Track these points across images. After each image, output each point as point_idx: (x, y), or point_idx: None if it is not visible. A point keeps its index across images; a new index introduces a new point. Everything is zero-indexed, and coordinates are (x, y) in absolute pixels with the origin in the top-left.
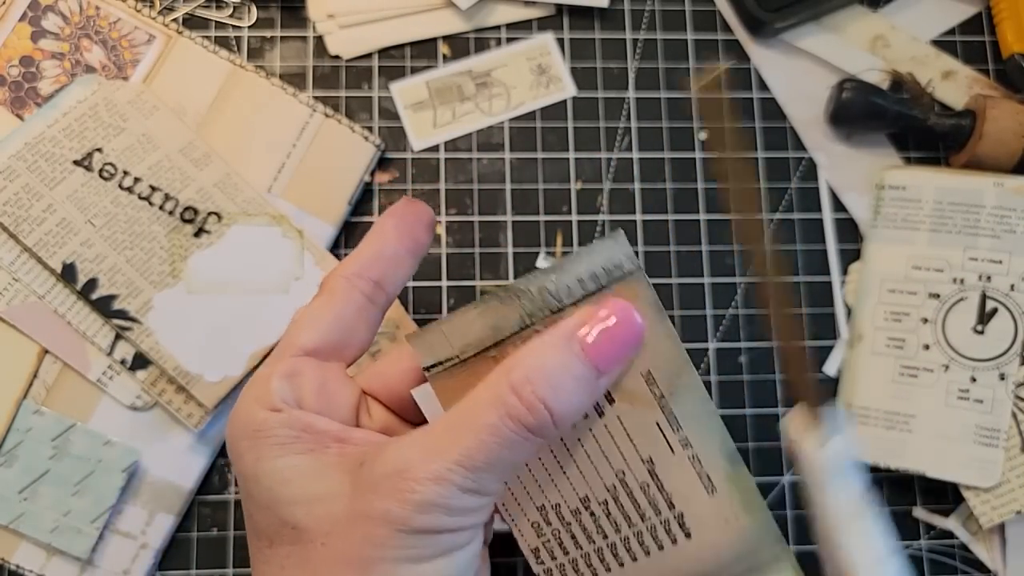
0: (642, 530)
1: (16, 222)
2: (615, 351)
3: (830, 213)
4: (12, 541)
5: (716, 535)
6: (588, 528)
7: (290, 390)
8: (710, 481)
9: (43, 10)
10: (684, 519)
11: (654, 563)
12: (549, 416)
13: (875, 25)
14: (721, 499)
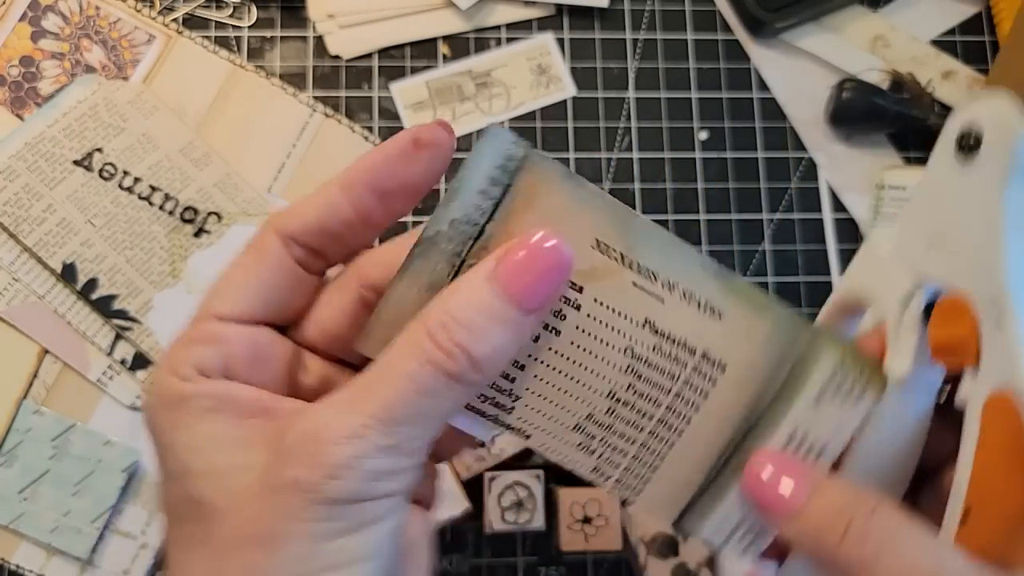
0: (679, 390)
1: (16, 222)
2: (536, 282)
3: (830, 213)
4: (12, 541)
5: (747, 353)
6: (630, 418)
7: (215, 357)
8: (711, 308)
9: (43, 10)
10: (710, 355)
11: (709, 413)
12: (468, 360)
13: (875, 25)
14: (732, 318)
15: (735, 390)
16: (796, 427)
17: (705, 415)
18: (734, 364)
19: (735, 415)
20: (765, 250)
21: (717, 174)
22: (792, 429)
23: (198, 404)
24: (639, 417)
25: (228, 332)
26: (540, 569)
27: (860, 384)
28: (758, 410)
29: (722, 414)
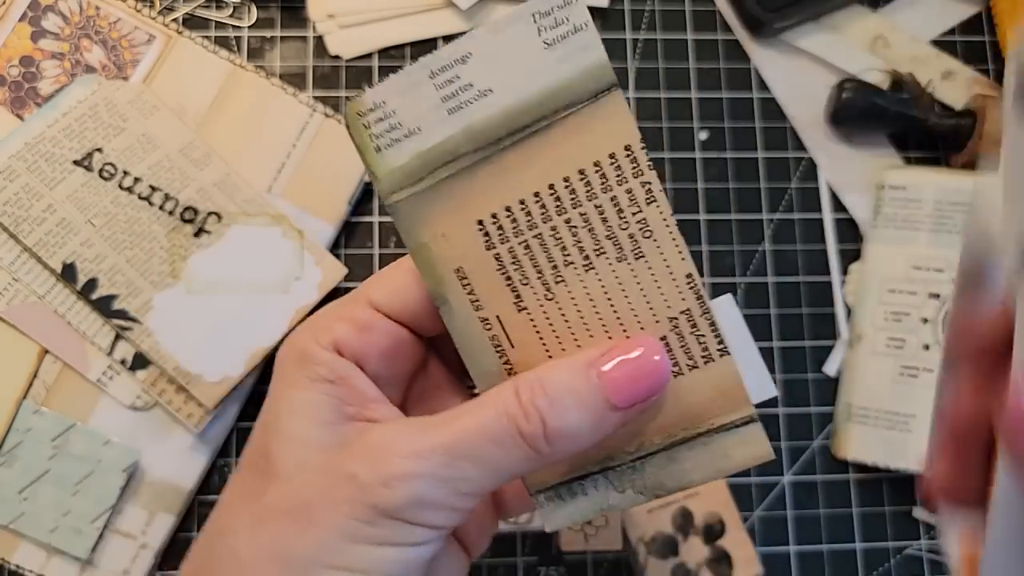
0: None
1: (16, 222)
2: (634, 393)
3: (830, 213)
4: (12, 541)
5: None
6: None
7: (356, 342)
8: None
9: (43, 10)
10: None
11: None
12: (541, 427)
13: (875, 25)
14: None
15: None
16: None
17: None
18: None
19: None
20: (765, 250)
21: (717, 174)
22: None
23: (317, 370)
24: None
25: (376, 323)
26: (540, 569)
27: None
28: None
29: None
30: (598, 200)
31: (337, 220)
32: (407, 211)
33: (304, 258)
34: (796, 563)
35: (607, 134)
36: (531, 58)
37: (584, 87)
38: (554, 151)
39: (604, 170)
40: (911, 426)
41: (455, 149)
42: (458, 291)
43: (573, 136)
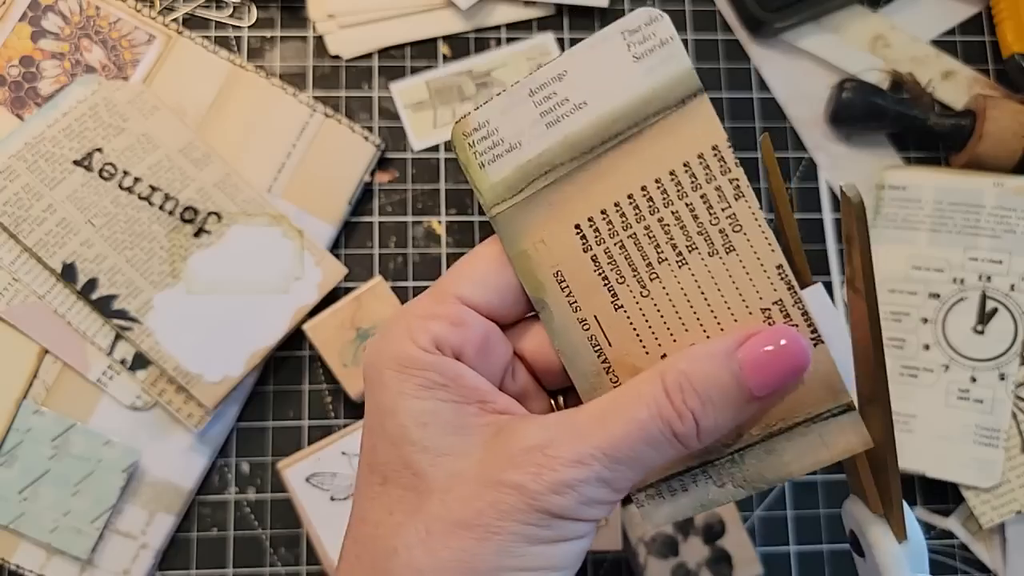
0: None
1: (16, 222)
2: (774, 380)
3: (830, 213)
4: (12, 541)
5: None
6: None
7: (454, 338)
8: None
9: (43, 10)
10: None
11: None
12: (695, 427)
13: (875, 25)
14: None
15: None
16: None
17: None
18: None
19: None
20: None
21: None
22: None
23: (428, 376)
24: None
25: (469, 318)
26: None
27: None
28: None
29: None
30: (688, 199)
31: (337, 220)
32: (508, 221)
33: (304, 258)
34: (796, 563)
35: (695, 136)
36: (622, 71)
37: (672, 94)
38: (646, 155)
39: (693, 170)
40: (911, 426)
41: (552, 160)
42: (557, 294)
43: (663, 140)
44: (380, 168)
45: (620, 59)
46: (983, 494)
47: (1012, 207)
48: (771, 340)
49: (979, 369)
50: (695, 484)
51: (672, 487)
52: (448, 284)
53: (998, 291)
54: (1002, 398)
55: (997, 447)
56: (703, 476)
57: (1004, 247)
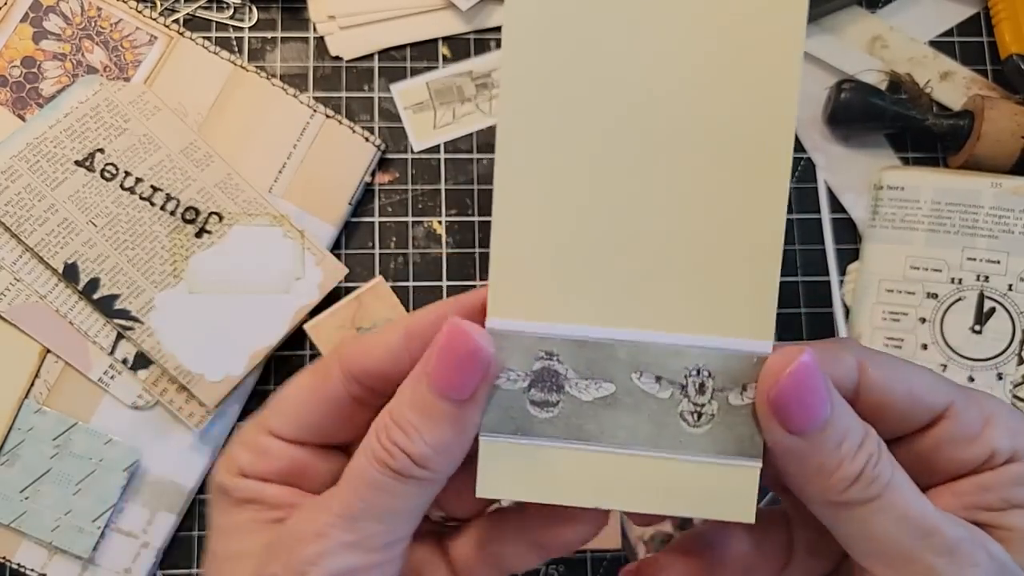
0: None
1: (18, 222)
2: (460, 375)
3: (828, 213)
4: (14, 540)
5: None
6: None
7: (257, 467)
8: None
9: (45, 11)
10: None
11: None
12: (407, 458)
13: (873, 26)
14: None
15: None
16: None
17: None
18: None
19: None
20: None
21: None
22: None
23: (234, 496)
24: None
25: (274, 449)
26: (540, 567)
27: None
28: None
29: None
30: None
31: (338, 220)
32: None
33: (305, 258)
34: None
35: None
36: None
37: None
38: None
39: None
40: None
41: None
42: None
43: None
44: (381, 169)
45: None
46: None
47: (1010, 207)
48: (443, 337)
49: (977, 369)
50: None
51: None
52: (262, 416)
53: (996, 291)
54: (1000, 398)
55: None
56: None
57: (1002, 247)
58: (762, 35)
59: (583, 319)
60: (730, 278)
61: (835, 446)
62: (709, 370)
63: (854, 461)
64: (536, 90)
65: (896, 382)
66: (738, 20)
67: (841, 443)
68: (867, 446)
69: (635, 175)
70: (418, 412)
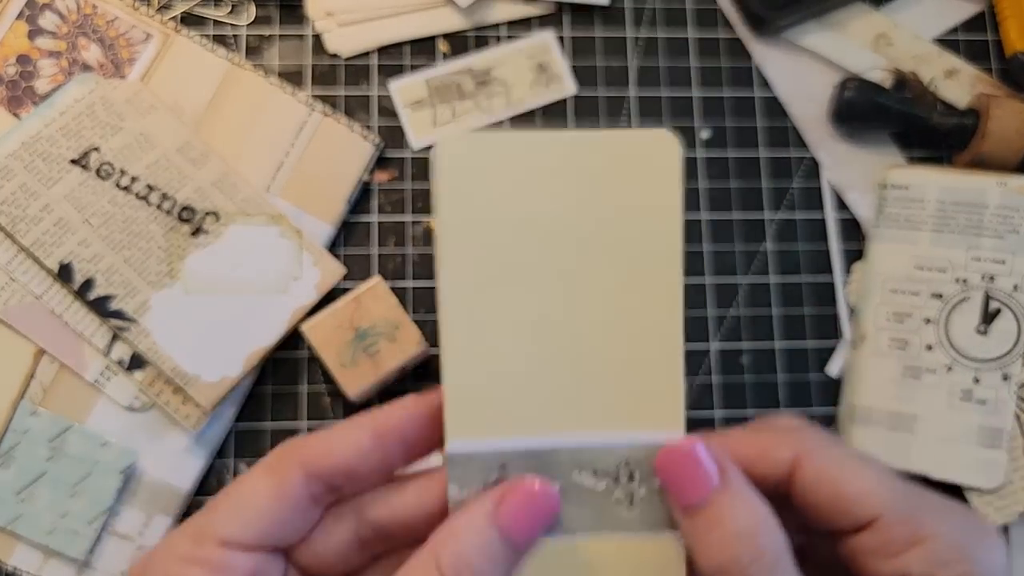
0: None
1: (13, 221)
2: (533, 527)
3: (833, 212)
4: (9, 543)
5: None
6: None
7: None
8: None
9: (40, 8)
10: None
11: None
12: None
13: (878, 23)
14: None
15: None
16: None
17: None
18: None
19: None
20: (767, 249)
21: (719, 173)
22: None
23: None
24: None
25: (234, 563)
26: None
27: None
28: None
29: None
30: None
31: (336, 220)
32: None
33: (302, 258)
34: None
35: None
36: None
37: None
38: None
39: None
40: (914, 427)
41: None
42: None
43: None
44: (379, 167)
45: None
46: (986, 495)
47: (1016, 207)
48: (523, 492)
49: (982, 370)
50: None
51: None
52: (213, 521)
53: (1001, 291)
54: (1005, 399)
55: (1000, 448)
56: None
57: (1007, 247)
58: (645, 203)
59: (528, 431)
60: (643, 383)
61: (707, 529)
62: (635, 461)
63: (724, 550)
64: (471, 250)
65: (825, 483)
66: (628, 191)
67: (714, 528)
68: (746, 540)
69: (558, 311)
70: (488, 559)
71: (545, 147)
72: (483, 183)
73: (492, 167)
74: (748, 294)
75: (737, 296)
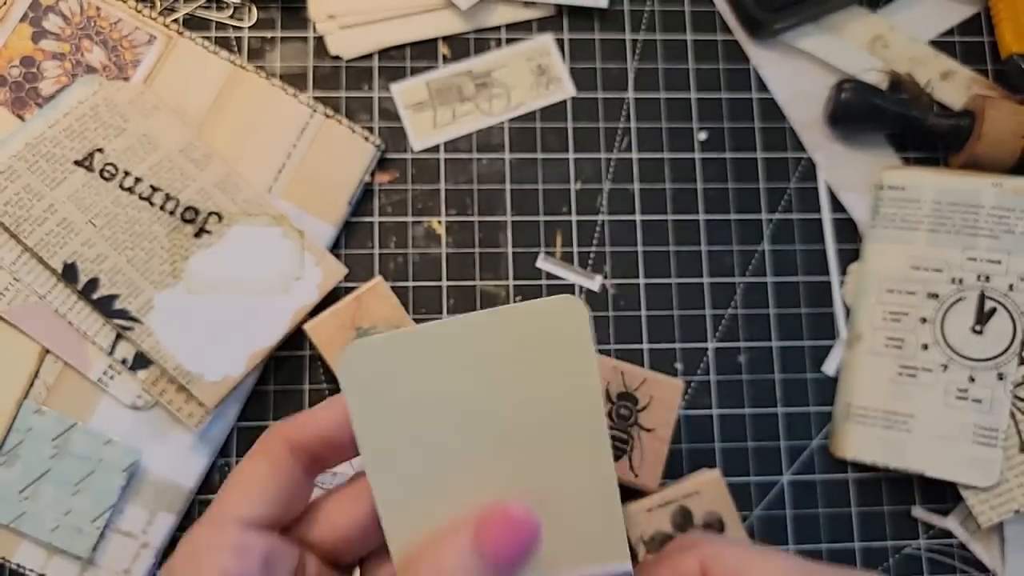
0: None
1: (17, 222)
2: (518, 551)
3: (829, 213)
4: (13, 540)
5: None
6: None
7: (238, 567)
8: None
9: (44, 11)
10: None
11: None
12: None
13: (874, 25)
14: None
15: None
16: None
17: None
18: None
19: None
20: (764, 250)
21: (716, 174)
22: None
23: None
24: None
25: (251, 543)
26: None
27: None
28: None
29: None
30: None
31: (337, 220)
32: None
33: (304, 258)
34: None
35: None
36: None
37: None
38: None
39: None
40: (910, 426)
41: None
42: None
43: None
44: (380, 168)
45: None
46: (982, 493)
47: (1011, 207)
48: (504, 516)
49: (978, 369)
50: None
51: None
52: (225, 507)
53: (997, 291)
54: (1001, 398)
55: (996, 447)
56: None
57: (1003, 247)
58: (560, 372)
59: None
60: (589, 527)
61: None
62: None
63: None
64: (391, 448)
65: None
66: (540, 363)
67: None
68: None
69: (490, 485)
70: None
71: (450, 334)
72: (391, 380)
73: (398, 363)
74: (745, 294)
75: (734, 296)
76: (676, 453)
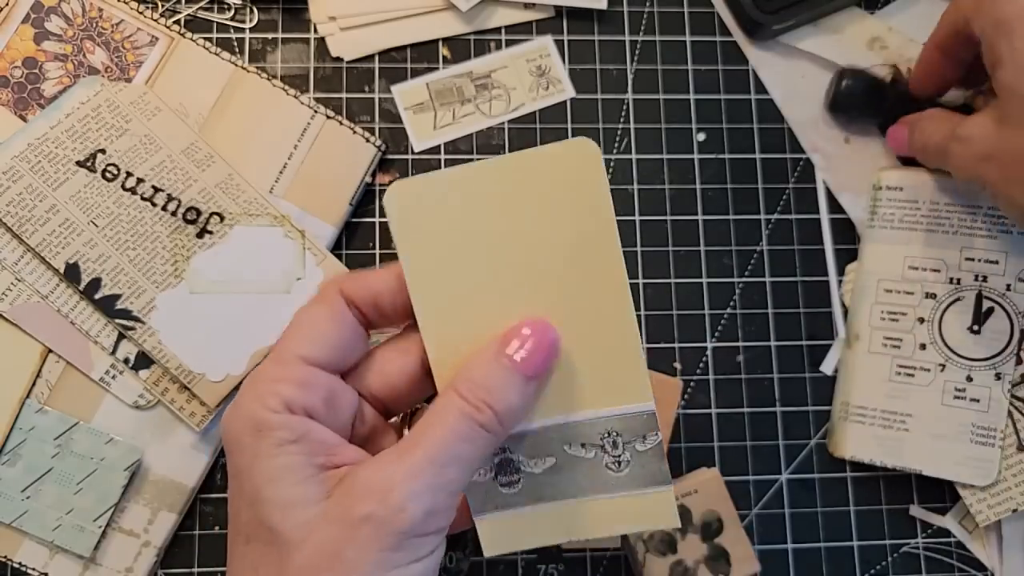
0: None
1: (19, 222)
2: (538, 358)
3: (827, 214)
4: (15, 539)
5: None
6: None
7: (302, 398)
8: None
9: (46, 12)
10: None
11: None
12: (493, 413)
13: (872, 27)
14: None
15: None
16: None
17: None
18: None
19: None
20: (763, 250)
21: (715, 175)
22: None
23: (280, 435)
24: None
25: (315, 378)
26: (539, 567)
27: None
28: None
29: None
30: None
31: (338, 221)
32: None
33: (306, 258)
34: (793, 561)
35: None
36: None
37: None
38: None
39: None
40: (907, 425)
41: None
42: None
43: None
44: (381, 169)
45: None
46: (979, 492)
47: None
48: (523, 328)
49: (975, 368)
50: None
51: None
52: (290, 346)
53: (994, 291)
54: (998, 397)
55: (993, 446)
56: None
57: (1000, 247)
58: (578, 207)
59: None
60: (612, 366)
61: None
62: (617, 431)
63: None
64: (433, 275)
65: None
66: (561, 199)
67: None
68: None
69: (520, 314)
70: (501, 381)
71: (481, 175)
72: (430, 216)
73: (436, 201)
74: (744, 294)
75: (733, 296)
76: (675, 452)
